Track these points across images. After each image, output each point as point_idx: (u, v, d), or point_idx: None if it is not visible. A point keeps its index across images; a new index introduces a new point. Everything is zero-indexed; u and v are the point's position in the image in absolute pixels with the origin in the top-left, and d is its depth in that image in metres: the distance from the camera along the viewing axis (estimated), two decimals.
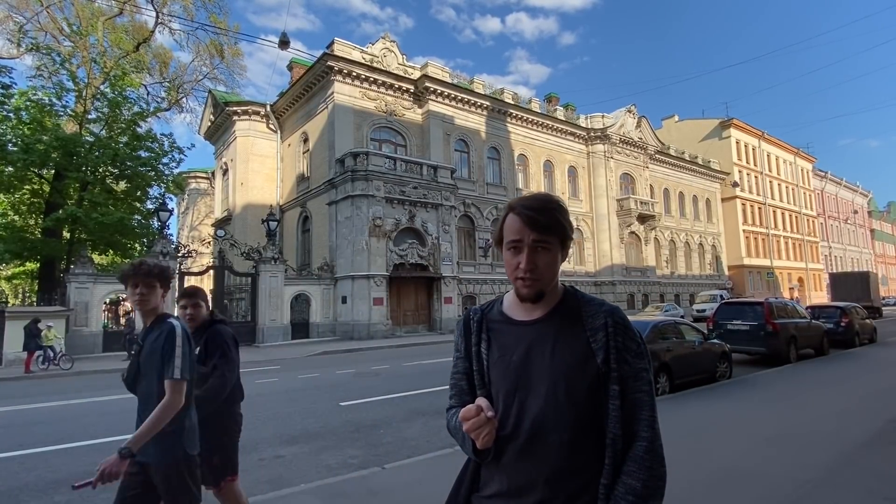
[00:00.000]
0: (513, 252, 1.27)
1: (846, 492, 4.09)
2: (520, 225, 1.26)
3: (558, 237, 1.27)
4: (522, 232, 1.25)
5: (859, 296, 29.61)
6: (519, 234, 1.25)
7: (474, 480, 1.34)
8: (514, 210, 1.29)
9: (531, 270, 1.25)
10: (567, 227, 1.29)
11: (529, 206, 1.27)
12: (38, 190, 22.42)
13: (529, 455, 1.23)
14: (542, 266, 1.25)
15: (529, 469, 1.22)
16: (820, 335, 13.61)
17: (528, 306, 1.33)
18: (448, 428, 1.40)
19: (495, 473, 1.29)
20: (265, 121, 30.81)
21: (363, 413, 7.82)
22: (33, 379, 13.07)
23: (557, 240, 1.27)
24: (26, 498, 4.64)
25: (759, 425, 6.28)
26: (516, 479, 1.24)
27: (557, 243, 1.27)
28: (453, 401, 1.42)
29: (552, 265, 1.27)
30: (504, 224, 1.30)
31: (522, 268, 1.25)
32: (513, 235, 1.27)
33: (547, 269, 1.26)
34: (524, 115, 32.67)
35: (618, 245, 35.90)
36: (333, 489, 4.38)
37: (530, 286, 1.26)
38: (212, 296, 22.15)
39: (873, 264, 74.30)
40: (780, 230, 54.36)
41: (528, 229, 1.24)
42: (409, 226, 23.90)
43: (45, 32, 25.39)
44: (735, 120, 51.18)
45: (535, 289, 1.26)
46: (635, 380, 1.24)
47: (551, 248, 1.26)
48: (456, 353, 1.45)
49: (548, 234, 1.25)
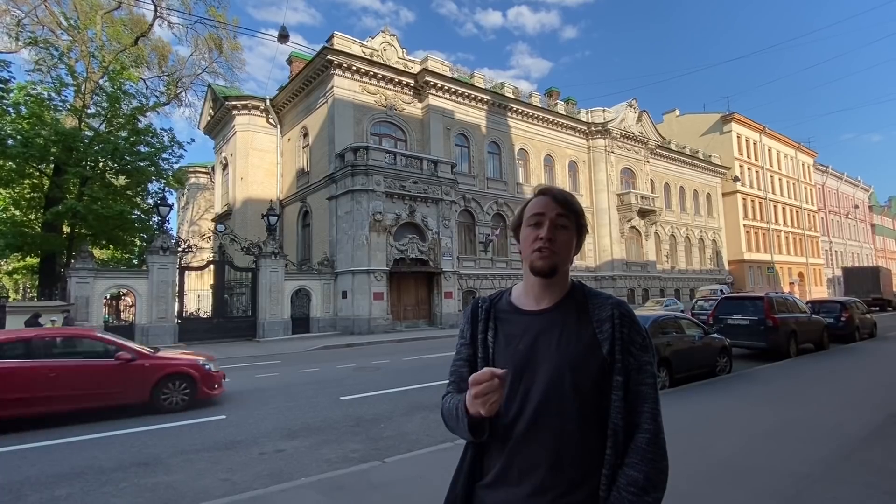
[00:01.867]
0: (534, 227, 1.32)
1: (846, 486, 4.10)
2: (546, 201, 1.33)
3: (576, 222, 1.34)
4: (547, 206, 1.32)
5: (870, 289, 31.52)
6: (543, 208, 1.32)
7: (473, 469, 1.34)
8: (543, 192, 1.36)
9: (550, 240, 1.29)
10: (583, 215, 1.38)
11: (556, 189, 1.37)
12: (37, 185, 22.38)
13: (531, 442, 1.23)
14: (560, 241, 1.31)
15: (531, 456, 1.23)
16: (820, 330, 13.62)
17: (537, 294, 1.34)
18: (442, 411, 1.39)
19: (497, 462, 1.29)
20: (265, 115, 30.70)
21: (363, 407, 7.84)
22: None
23: (575, 224, 1.34)
24: (28, 491, 4.66)
25: (759, 419, 6.30)
26: (518, 465, 1.24)
27: (574, 228, 1.34)
28: (451, 387, 1.43)
29: (568, 244, 1.33)
30: (527, 206, 1.37)
31: (543, 237, 1.29)
32: (536, 209, 1.34)
33: (564, 246, 1.31)
34: (525, 109, 32.54)
35: (618, 240, 35.88)
36: (334, 483, 4.40)
37: (547, 257, 1.29)
38: (212, 291, 22.19)
39: (874, 259, 74.24)
40: (780, 225, 54.27)
41: (554, 203, 1.32)
42: (409, 220, 23.86)
43: (43, 26, 25.22)
44: (736, 114, 50.99)
45: (551, 261, 1.29)
46: (639, 372, 1.25)
47: (569, 228, 1.33)
48: (460, 340, 1.46)
49: (570, 212, 1.33)
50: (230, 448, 5.87)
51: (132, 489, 4.68)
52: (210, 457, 5.57)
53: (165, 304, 18.96)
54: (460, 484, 1.34)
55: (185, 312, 20.56)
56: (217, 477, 4.94)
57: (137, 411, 7.53)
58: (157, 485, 4.77)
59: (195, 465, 5.32)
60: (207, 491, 4.56)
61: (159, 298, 18.78)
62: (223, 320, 21.01)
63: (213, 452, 5.72)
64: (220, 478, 4.92)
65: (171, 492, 4.60)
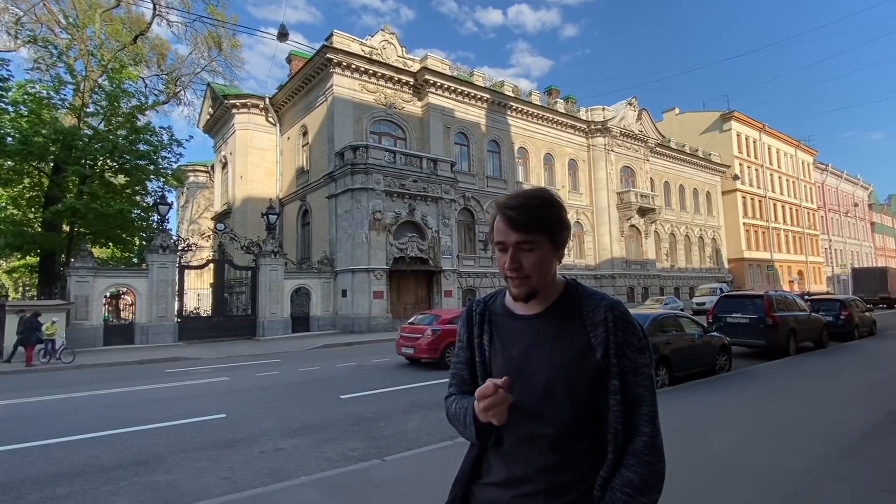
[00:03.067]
0: (501, 252, 1.26)
1: (845, 483, 4.10)
2: (502, 226, 1.24)
3: (545, 234, 1.23)
4: (505, 233, 1.23)
5: (878, 289, 32.76)
6: (502, 234, 1.24)
7: (475, 469, 1.36)
8: (498, 209, 1.27)
9: (516, 269, 1.23)
10: (555, 222, 1.24)
11: (511, 206, 1.24)
12: (37, 183, 22.37)
13: (527, 445, 1.24)
14: (527, 266, 1.23)
15: (526, 459, 1.24)
16: (819, 328, 13.63)
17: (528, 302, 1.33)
18: (447, 415, 1.41)
19: (494, 462, 1.31)
20: (264, 114, 30.68)
21: (363, 406, 7.84)
22: (35, 372, 13.10)
23: (544, 237, 1.23)
24: (28, 490, 4.66)
25: (759, 418, 6.30)
26: (514, 468, 1.26)
27: (545, 241, 1.23)
28: (453, 389, 1.44)
29: (539, 264, 1.24)
30: (493, 224, 1.29)
31: (507, 267, 1.24)
32: (497, 237, 1.26)
33: (534, 268, 1.23)
34: (524, 107, 32.52)
35: (618, 238, 35.88)
36: (334, 481, 4.40)
37: (519, 286, 1.26)
38: (212, 289, 22.18)
39: (873, 257, 74.30)
40: (780, 223, 54.27)
41: (510, 230, 1.22)
42: (408, 219, 23.86)
43: (42, 24, 25.18)
44: (736, 113, 50.96)
45: (524, 288, 1.25)
46: (635, 374, 1.23)
47: (536, 247, 1.22)
48: (458, 344, 1.47)
49: (530, 233, 1.21)
50: (230, 446, 5.88)
51: (132, 487, 4.68)
52: (210, 455, 5.58)
53: (165, 303, 18.96)
54: (461, 482, 1.35)
55: (184, 311, 20.57)
56: (217, 475, 4.94)
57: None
58: (158, 483, 4.77)
59: (195, 463, 5.33)
60: (208, 489, 4.57)
61: (159, 297, 18.78)
62: (223, 319, 21.02)
63: (213, 451, 5.73)
64: (220, 476, 4.92)
65: (172, 490, 4.60)
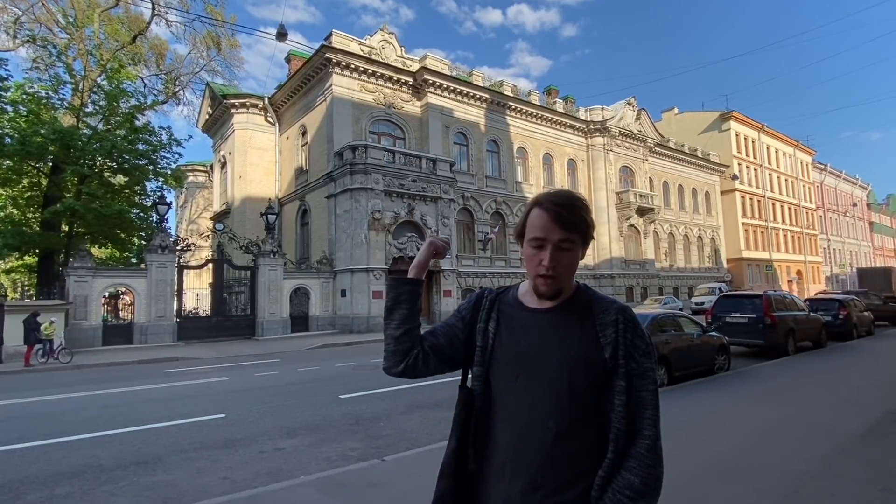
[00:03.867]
0: (536, 249, 1.26)
1: (843, 483, 4.11)
2: (546, 222, 1.24)
3: (581, 236, 1.26)
4: (548, 229, 1.24)
5: (882, 287, 33.08)
6: (544, 231, 1.24)
7: (459, 460, 1.32)
8: (540, 205, 1.27)
9: (553, 268, 1.24)
10: (589, 225, 1.28)
11: (557, 203, 1.25)
12: (35, 183, 22.33)
13: (527, 439, 1.23)
14: (563, 265, 1.25)
15: (526, 453, 1.23)
16: (818, 327, 13.65)
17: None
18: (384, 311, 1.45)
19: (491, 455, 1.29)
20: (263, 113, 30.64)
21: (362, 406, 7.85)
22: (33, 372, 13.09)
23: (580, 238, 1.26)
24: (27, 490, 4.65)
25: (757, 417, 6.31)
26: (512, 462, 1.24)
27: (580, 242, 1.26)
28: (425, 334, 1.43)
29: (573, 264, 1.27)
30: (528, 218, 1.29)
31: (546, 265, 1.24)
32: (537, 232, 1.25)
33: (568, 268, 1.26)
34: (523, 107, 32.50)
35: (617, 238, 35.89)
36: (334, 481, 4.40)
37: (550, 285, 1.26)
38: (211, 289, 22.17)
39: (872, 257, 74.39)
40: (779, 223, 54.30)
41: (555, 226, 1.23)
42: (408, 219, 23.85)
43: (41, 24, 25.12)
44: (735, 112, 50.97)
45: (554, 287, 1.27)
46: (641, 378, 1.25)
47: (574, 247, 1.25)
48: (456, 314, 1.46)
49: (573, 232, 1.24)
50: (230, 446, 5.87)
51: (132, 487, 4.68)
52: (209, 455, 5.57)
53: (164, 303, 18.95)
54: (449, 476, 1.32)
55: (183, 311, 20.54)
56: (217, 475, 4.94)
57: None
58: (157, 483, 4.77)
59: (195, 463, 5.33)
60: (207, 489, 4.56)
61: (158, 297, 18.77)
62: (222, 319, 21.00)
63: (212, 451, 5.72)
64: (219, 476, 4.92)
65: (171, 490, 4.59)
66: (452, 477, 1.31)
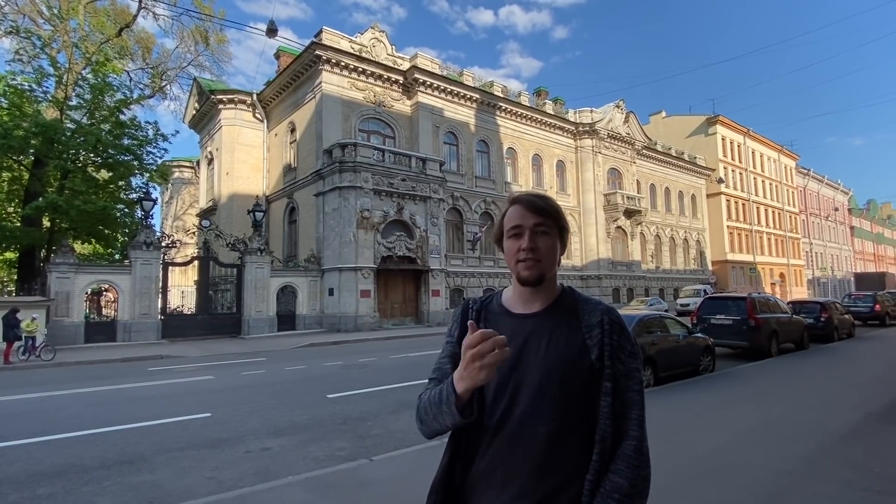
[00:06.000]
0: (514, 238, 1.32)
1: (825, 483, 4.19)
2: (521, 211, 1.32)
3: (556, 225, 1.32)
4: (523, 217, 1.31)
5: (878, 291, 33.89)
6: (520, 219, 1.31)
7: (453, 468, 1.31)
8: (516, 201, 1.35)
9: (532, 250, 1.28)
10: (564, 220, 1.36)
11: (530, 195, 1.35)
12: (17, 177, 21.87)
13: (517, 445, 1.23)
14: (542, 248, 1.29)
15: (516, 459, 1.22)
16: (800, 330, 13.89)
17: (526, 300, 1.34)
18: (418, 406, 1.31)
19: (481, 462, 1.27)
20: (251, 110, 30.36)
21: (350, 405, 7.81)
22: (14, 370, 12.83)
23: (556, 227, 1.32)
24: (7, 490, 4.56)
25: (741, 418, 6.40)
26: (502, 468, 1.24)
27: (556, 231, 1.32)
28: (432, 384, 1.35)
29: (552, 249, 1.31)
30: (505, 216, 1.36)
31: (524, 247, 1.28)
32: (514, 222, 1.32)
33: (547, 252, 1.30)
34: (514, 108, 32.61)
35: (604, 239, 36.17)
36: (321, 481, 4.38)
37: (532, 267, 1.28)
38: (196, 287, 21.90)
39: (853, 261, 75.82)
40: (763, 226, 55.15)
41: (530, 213, 1.31)
42: (397, 218, 23.80)
43: (24, 15, 24.60)
44: (721, 117, 51.66)
45: (536, 270, 1.28)
46: (627, 379, 1.25)
47: (551, 233, 1.31)
48: (448, 339, 1.44)
49: (548, 218, 1.31)
50: (216, 446, 5.81)
51: (116, 488, 4.61)
52: (195, 455, 5.51)
53: (148, 300, 18.69)
54: (439, 492, 1.31)
55: (168, 309, 20.27)
56: (203, 475, 4.89)
57: None
58: (142, 483, 4.70)
59: (180, 463, 5.26)
60: (193, 489, 4.51)
61: (142, 294, 18.51)
62: (207, 317, 20.78)
63: (198, 450, 5.66)
64: (205, 476, 4.86)
65: (156, 490, 4.54)
66: (442, 493, 1.30)
